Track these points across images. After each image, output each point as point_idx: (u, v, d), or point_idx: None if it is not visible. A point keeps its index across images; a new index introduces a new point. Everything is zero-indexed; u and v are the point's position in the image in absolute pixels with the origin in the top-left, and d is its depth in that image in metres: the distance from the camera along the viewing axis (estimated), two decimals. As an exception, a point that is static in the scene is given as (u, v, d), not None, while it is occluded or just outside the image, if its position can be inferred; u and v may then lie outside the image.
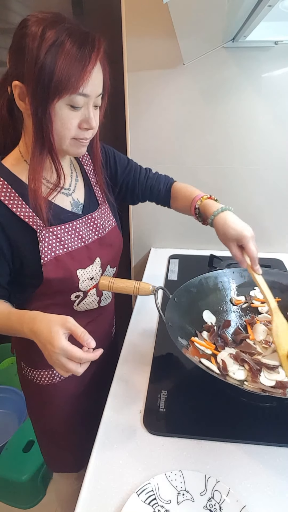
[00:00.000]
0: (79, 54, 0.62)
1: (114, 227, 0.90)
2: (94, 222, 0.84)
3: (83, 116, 0.69)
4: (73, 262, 0.78)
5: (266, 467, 0.64)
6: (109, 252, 0.87)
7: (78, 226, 0.81)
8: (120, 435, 0.70)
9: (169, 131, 1.28)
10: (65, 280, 0.77)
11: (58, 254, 0.76)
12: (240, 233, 0.79)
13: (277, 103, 1.20)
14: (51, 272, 0.75)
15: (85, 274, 0.81)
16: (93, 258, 0.83)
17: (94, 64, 0.64)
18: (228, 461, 0.65)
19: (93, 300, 0.86)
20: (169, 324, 0.78)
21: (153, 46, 1.16)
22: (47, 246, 0.74)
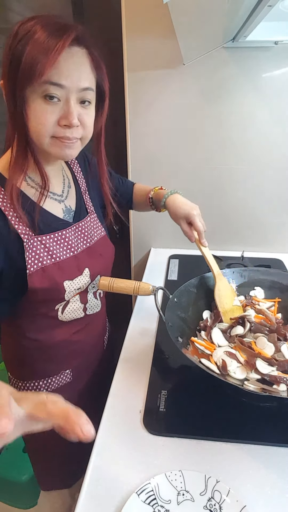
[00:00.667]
0: (46, 40, 0.59)
1: (103, 237, 0.88)
2: (82, 230, 0.82)
3: (62, 111, 0.64)
4: (60, 273, 0.75)
5: (266, 467, 0.64)
6: (99, 262, 0.85)
7: (68, 236, 0.78)
8: (120, 435, 0.70)
9: (169, 131, 1.28)
10: (51, 291, 0.74)
11: (45, 264, 0.72)
12: (189, 211, 0.91)
13: (277, 103, 1.20)
14: (36, 282, 0.71)
15: (72, 285, 0.78)
16: (81, 268, 0.80)
17: (62, 48, 0.59)
18: (228, 461, 0.65)
19: (77, 308, 0.82)
20: (169, 324, 0.78)
21: (153, 46, 1.16)
22: (34, 256, 0.71)
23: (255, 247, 1.44)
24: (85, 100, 0.67)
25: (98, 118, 0.75)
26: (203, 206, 1.39)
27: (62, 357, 0.87)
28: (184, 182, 1.36)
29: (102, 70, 0.70)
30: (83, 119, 0.67)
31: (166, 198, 0.95)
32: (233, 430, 0.70)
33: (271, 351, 0.75)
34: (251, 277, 0.97)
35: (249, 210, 1.38)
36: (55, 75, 0.61)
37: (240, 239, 1.44)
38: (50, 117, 0.63)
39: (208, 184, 1.35)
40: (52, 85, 0.61)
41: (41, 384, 0.86)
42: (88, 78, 0.66)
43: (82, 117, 0.67)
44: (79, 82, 0.64)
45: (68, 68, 0.62)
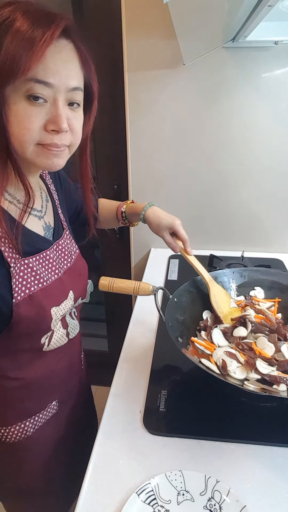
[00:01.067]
0: (29, 32, 0.51)
1: (78, 254, 0.82)
2: (62, 249, 0.75)
3: (49, 115, 0.56)
4: (47, 299, 0.67)
5: (266, 467, 0.64)
6: (80, 283, 0.79)
7: (51, 256, 0.70)
8: (120, 435, 0.70)
9: (169, 131, 1.28)
10: (36, 321, 0.66)
11: (33, 291, 0.64)
12: (172, 222, 0.89)
13: (277, 103, 1.20)
14: (23, 312, 0.62)
15: (59, 312, 0.70)
16: (66, 292, 0.73)
17: (51, 39, 0.52)
18: (228, 461, 0.65)
19: (61, 335, 0.74)
20: (169, 324, 0.78)
21: (153, 46, 1.16)
22: (21, 282, 0.62)
23: (255, 247, 1.44)
24: (73, 102, 0.59)
25: (85, 122, 0.65)
26: (203, 206, 1.40)
27: (48, 390, 0.80)
28: (184, 182, 1.36)
29: (91, 68, 0.61)
30: (72, 123, 0.59)
31: (146, 211, 0.91)
32: (233, 430, 0.70)
33: (271, 351, 0.75)
34: (251, 277, 0.97)
35: (249, 210, 1.38)
36: (41, 72, 0.53)
37: (240, 239, 1.44)
38: (35, 120, 0.55)
39: (208, 184, 1.35)
40: (37, 84, 0.53)
41: (27, 425, 0.77)
42: (77, 77, 0.58)
43: (71, 121, 0.59)
44: (67, 81, 0.56)
45: (56, 64, 0.54)
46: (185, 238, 0.90)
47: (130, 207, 0.96)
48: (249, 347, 0.76)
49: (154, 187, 1.38)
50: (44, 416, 0.80)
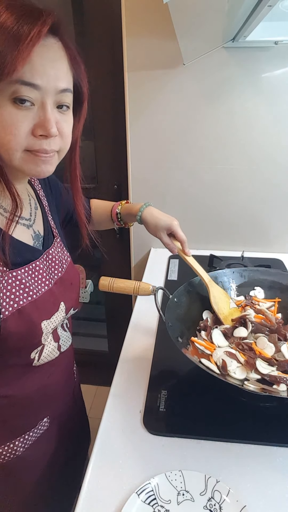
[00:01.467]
0: (14, 29, 0.47)
1: (70, 262, 0.79)
2: (52, 258, 0.71)
3: (37, 119, 0.53)
4: (37, 313, 0.63)
5: (266, 467, 0.64)
6: (72, 293, 0.75)
7: (41, 266, 0.67)
8: (120, 435, 0.70)
9: (169, 131, 1.28)
10: (26, 336, 0.62)
11: (22, 304, 0.60)
12: (169, 223, 0.86)
13: (277, 103, 1.20)
14: (12, 327, 0.59)
15: (50, 325, 0.67)
16: (57, 303, 0.69)
17: (38, 37, 0.48)
18: (228, 461, 0.65)
19: (52, 348, 0.71)
20: (169, 324, 0.78)
21: (153, 46, 1.16)
22: (9, 296, 0.58)
23: (255, 247, 1.44)
24: (62, 104, 0.55)
25: (74, 125, 0.62)
26: (203, 206, 1.40)
27: (38, 406, 0.76)
28: (184, 182, 1.36)
29: (80, 67, 0.58)
30: (61, 127, 0.56)
31: (142, 212, 0.87)
32: (233, 430, 0.70)
33: (271, 352, 0.75)
34: (251, 277, 0.97)
35: (249, 210, 1.38)
36: (27, 73, 0.49)
37: (240, 239, 1.44)
38: (22, 126, 0.52)
39: (208, 183, 1.35)
40: (24, 86, 0.49)
41: (17, 444, 0.72)
42: (66, 78, 0.54)
43: (60, 125, 0.56)
44: (56, 82, 0.52)
45: (43, 65, 0.50)
46: (183, 239, 0.87)
47: (125, 207, 0.93)
48: (249, 347, 0.76)
49: (154, 187, 1.38)
50: (34, 434, 0.76)
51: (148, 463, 0.65)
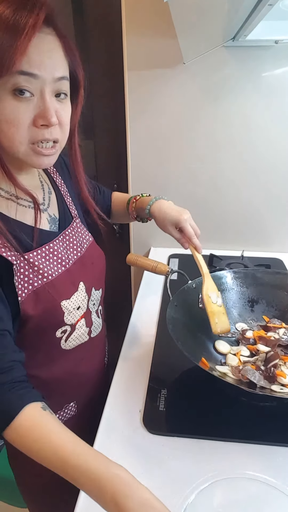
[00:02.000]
0: (12, 19, 0.48)
1: (92, 243, 0.80)
2: (70, 239, 0.73)
3: (37, 109, 0.54)
4: (55, 293, 0.65)
5: (266, 467, 0.64)
6: (93, 273, 0.77)
7: (56, 248, 0.68)
8: (120, 435, 0.70)
9: (169, 130, 1.28)
10: (48, 316, 0.64)
11: (36, 286, 0.62)
12: (177, 217, 0.82)
13: (278, 102, 1.20)
14: (30, 309, 0.61)
15: (71, 304, 0.68)
16: (76, 283, 0.71)
17: (32, 33, 0.50)
18: (228, 461, 0.65)
19: (82, 333, 0.74)
20: (174, 304, 0.81)
21: (153, 45, 1.16)
22: (23, 279, 0.61)
23: (255, 247, 1.43)
24: (60, 93, 0.57)
25: (72, 112, 0.63)
26: (203, 206, 1.40)
27: (65, 390, 0.78)
28: (184, 181, 1.36)
29: (75, 55, 0.59)
30: (60, 115, 0.57)
31: (151, 205, 0.85)
32: (233, 430, 0.70)
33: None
34: (251, 277, 0.97)
35: (249, 210, 1.38)
36: (25, 64, 0.50)
37: (240, 239, 1.44)
38: (24, 117, 0.53)
39: (208, 183, 1.35)
40: (22, 76, 0.51)
41: None
42: (62, 66, 0.56)
43: (59, 114, 0.57)
44: (53, 71, 0.54)
45: (40, 55, 0.52)
46: (191, 234, 0.83)
47: (139, 202, 0.90)
48: None
49: (154, 186, 1.38)
50: (60, 416, 0.79)
51: (148, 463, 0.65)
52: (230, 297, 0.96)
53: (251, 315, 0.96)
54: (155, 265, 0.92)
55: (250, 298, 0.97)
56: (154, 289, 1.20)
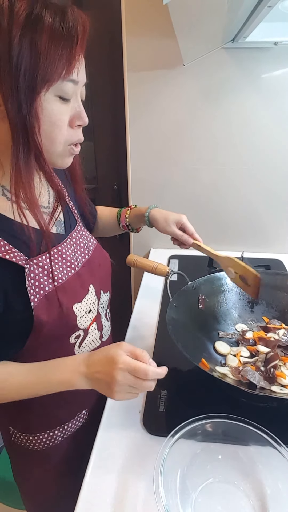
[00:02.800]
0: (64, 29, 0.49)
1: (97, 245, 0.80)
2: (77, 242, 0.72)
3: (73, 110, 0.57)
4: (67, 297, 0.64)
5: (266, 467, 0.64)
6: (100, 275, 0.77)
7: (64, 251, 0.68)
8: (120, 436, 0.70)
9: (169, 131, 1.28)
10: (61, 321, 0.64)
11: (48, 290, 0.61)
12: (178, 217, 0.88)
13: (277, 103, 1.20)
14: (42, 315, 0.60)
15: (83, 308, 0.68)
16: (86, 286, 0.70)
17: (84, 37, 0.52)
18: (228, 461, 0.65)
19: (95, 337, 0.74)
20: (174, 305, 0.81)
21: (153, 46, 1.16)
22: (34, 283, 0.60)
23: (255, 247, 1.44)
24: (82, 97, 0.60)
25: None
26: (203, 206, 1.40)
27: (78, 398, 0.77)
28: (184, 182, 1.36)
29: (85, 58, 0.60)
30: None
31: (150, 211, 0.90)
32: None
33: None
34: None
35: (249, 210, 1.38)
36: (75, 71, 0.53)
37: (240, 239, 1.44)
38: (65, 118, 0.56)
39: (208, 184, 1.35)
40: (69, 82, 0.53)
41: (56, 433, 0.77)
42: (85, 70, 0.58)
43: None
44: (85, 76, 0.57)
45: (80, 62, 0.54)
46: (192, 229, 0.90)
47: (133, 211, 0.95)
48: None
49: (154, 187, 1.38)
50: (73, 425, 0.79)
51: (147, 464, 0.65)
52: (230, 298, 0.96)
53: (251, 316, 0.96)
54: (155, 266, 0.93)
55: (250, 299, 0.97)
56: (154, 290, 1.20)
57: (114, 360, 0.55)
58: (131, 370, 0.56)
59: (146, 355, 0.58)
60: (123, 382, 0.56)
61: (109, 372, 0.56)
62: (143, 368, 0.56)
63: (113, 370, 0.55)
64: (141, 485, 0.62)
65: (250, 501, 0.59)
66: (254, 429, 0.63)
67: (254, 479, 0.62)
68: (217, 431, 0.65)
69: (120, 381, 0.56)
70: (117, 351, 0.57)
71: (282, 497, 0.57)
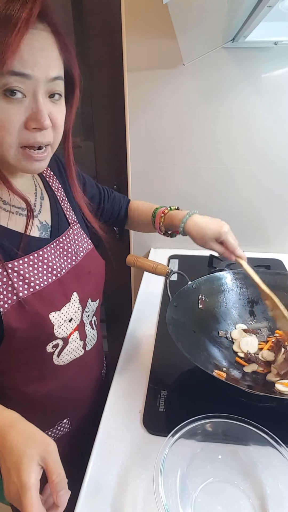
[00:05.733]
0: (2, 13, 0.45)
1: (90, 250, 0.76)
2: (64, 247, 0.69)
3: (29, 111, 0.51)
4: (43, 304, 0.61)
5: (266, 467, 0.64)
6: (88, 282, 0.72)
7: (46, 256, 0.64)
8: (120, 435, 0.70)
9: (169, 131, 1.28)
10: (35, 329, 0.60)
11: (21, 296, 0.58)
12: (217, 231, 0.79)
13: (277, 103, 1.20)
14: (14, 321, 0.57)
15: (61, 317, 0.64)
16: (68, 294, 0.67)
17: (27, 25, 0.46)
18: (228, 461, 0.65)
19: (77, 346, 0.70)
20: (174, 305, 0.81)
21: (153, 46, 1.16)
22: (6, 288, 0.57)
23: (255, 247, 1.44)
24: (54, 93, 0.53)
25: (67, 114, 0.60)
26: (203, 206, 1.40)
27: (58, 407, 0.75)
28: (184, 182, 1.36)
29: (71, 53, 0.55)
30: (54, 118, 0.54)
31: (185, 222, 0.80)
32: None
33: None
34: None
35: (249, 210, 1.38)
36: (17, 63, 0.47)
37: (240, 239, 1.42)
38: (15, 120, 0.50)
39: (208, 184, 1.35)
40: (14, 76, 0.47)
41: None
42: (57, 65, 0.52)
43: (53, 116, 0.54)
44: (47, 71, 0.50)
45: (33, 53, 0.48)
46: (234, 246, 0.80)
47: (168, 217, 0.85)
48: None
49: (154, 187, 1.38)
50: (53, 434, 0.76)
51: (148, 464, 0.65)
52: (230, 298, 0.96)
53: (251, 316, 0.96)
54: (155, 266, 0.93)
55: (250, 299, 0.97)
56: (154, 290, 1.20)
57: (19, 473, 0.43)
58: (24, 498, 0.42)
59: (59, 484, 0.43)
60: (11, 495, 0.44)
61: (8, 474, 0.44)
62: (27, 504, 0.41)
63: (9, 480, 0.43)
64: (141, 485, 0.62)
65: (250, 501, 0.59)
66: (254, 429, 0.62)
67: (254, 479, 0.62)
68: (217, 431, 0.65)
69: (9, 491, 0.44)
70: (30, 461, 0.43)
71: (282, 497, 0.57)
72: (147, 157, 1.33)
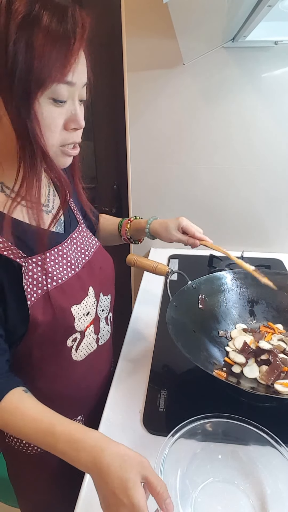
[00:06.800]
0: (61, 31, 0.48)
1: (99, 247, 0.79)
2: (77, 243, 0.72)
3: (68, 113, 0.55)
4: (65, 298, 0.64)
5: (266, 467, 0.64)
6: (101, 278, 0.75)
7: (64, 251, 0.67)
8: (120, 435, 0.70)
9: (169, 131, 1.28)
10: (58, 322, 0.62)
11: (46, 290, 0.61)
12: (177, 222, 0.86)
13: (277, 103, 1.20)
14: (39, 314, 0.59)
15: (81, 310, 0.67)
16: (86, 288, 0.69)
17: (81, 42, 0.51)
18: (228, 461, 0.65)
19: (91, 340, 0.73)
20: (174, 304, 0.81)
21: (153, 46, 1.16)
22: (32, 282, 0.59)
23: (255, 247, 1.44)
24: (82, 99, 0.58)
25: None
26: (203, 206, 1.40)
27: (73, 404, 0.77)
28: (184, 182, 1.36)
29: (88, 57, 0.58)
30: None
31: (150, 224, 0.89)
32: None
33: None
34: (251, 277, 0.97)
35: (249, 210, 1.38)
36: (70, 74, 0.52)
37: (240, 239, 1.44)
38: (59, 122, 0.55)
39: (208, 184, 1.35)
40: (64, 85, 0.52)
41: None
42: (86, 71, 0.56)
43: None
44: (83, 77, 0.55)
45: (78, 63, 0.52)
46: (196, 229, 0.86)
47: (133, 224, 0.93)
48: None
49: (154, 187, 1.38)
50: None
51: (148, 463, 0.65)
52: (230, 298, 0.96)
53: (251, 316, 0.96)
54: (155, 266, 0.93)
55: (249, 299, 0.97)
56: (154, 290, 1.20)
57: (129, 495, 0.46)
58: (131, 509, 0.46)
59: (164, 494, 0.48)
60: (117, 509, 0.47)
61: (114, 498, 0.47)
62: None
63: (118, 502, 0.47)
64: (141, 485, 0.61)
65: (250, 500, 0.59)
66: (254, 429, 0.62)
67: (254, 479, 0.62)
68: (217, 430, 0.65)
69: (115, 508, 0.47)
70: (136, 482, 0.47)
71: (282, 497, 0.57)
72: (147, 157, 1.33)
